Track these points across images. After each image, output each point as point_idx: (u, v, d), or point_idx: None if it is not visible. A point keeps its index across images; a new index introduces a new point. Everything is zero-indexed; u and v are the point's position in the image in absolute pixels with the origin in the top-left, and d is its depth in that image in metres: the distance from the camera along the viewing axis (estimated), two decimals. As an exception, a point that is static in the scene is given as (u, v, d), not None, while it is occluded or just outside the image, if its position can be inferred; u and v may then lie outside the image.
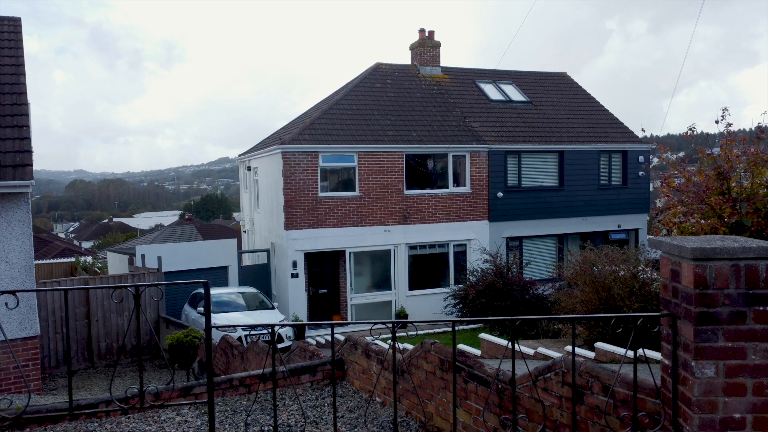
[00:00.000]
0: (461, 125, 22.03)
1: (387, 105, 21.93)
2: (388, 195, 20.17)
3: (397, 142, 20.27)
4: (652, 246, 3.29)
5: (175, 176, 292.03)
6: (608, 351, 8.29)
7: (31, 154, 10.50)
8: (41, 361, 13.91)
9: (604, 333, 9.53)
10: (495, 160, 21.62)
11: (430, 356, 5.42)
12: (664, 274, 3.23)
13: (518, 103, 24.43)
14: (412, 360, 5.68)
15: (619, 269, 9.52)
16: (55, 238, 68.46)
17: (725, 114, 7.70)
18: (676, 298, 3.12)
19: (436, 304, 20.01)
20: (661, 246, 3.19)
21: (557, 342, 11.36)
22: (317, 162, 19.22)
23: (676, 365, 3.14)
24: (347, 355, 6.82)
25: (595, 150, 23.30)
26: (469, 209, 21.39)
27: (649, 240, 3.29)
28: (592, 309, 9.75)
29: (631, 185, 23.91)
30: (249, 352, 9.68)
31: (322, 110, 20.97)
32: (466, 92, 24.09)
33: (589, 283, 9.79)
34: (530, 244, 22.65)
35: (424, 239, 20.78)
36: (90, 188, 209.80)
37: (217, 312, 15.68)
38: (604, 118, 25.34)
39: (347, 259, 19.91)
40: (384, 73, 23.62)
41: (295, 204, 19.03)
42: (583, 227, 23.33)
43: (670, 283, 3.17)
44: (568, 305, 10.43)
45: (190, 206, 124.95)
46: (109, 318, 15.18)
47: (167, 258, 18.56)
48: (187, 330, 10.81)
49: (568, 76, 27.65)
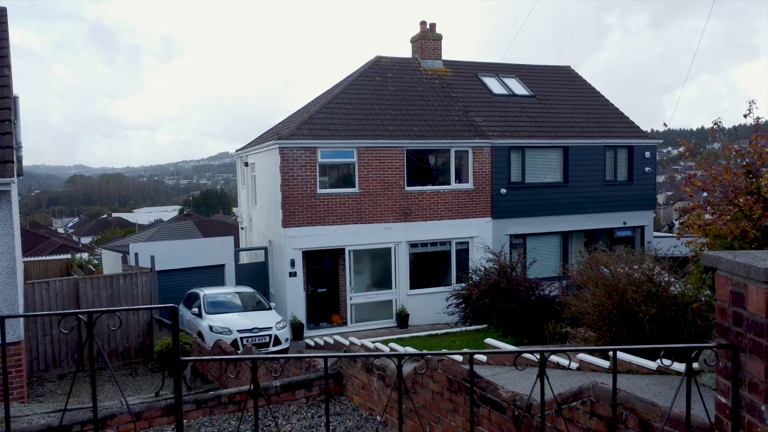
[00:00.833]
0: (463, 120, 21.47)
1: (387, 99, 21.37)
2: (389, 191, 19.64)
3: (398, 138, 19.73)
4: (708, 262, 2.76)
5: (174, 171, 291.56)
6: (624, 360, 7.76)
7: (14, 150, 9.96)
8: (29, 364, 13.43)
9: (617, 338, 9.02)
10: (498, 155, 21.07)
11: (436, 375, 4.90)
12: (722, 296, 2.71)
13: (521, 97, 23.86)
14: (417, 378, 5.17)
15: (633, 271, 9.00)
16: (53, 233, 67.97)
17: (752, 107, 7.16)
18: (738, 326, 2.60)
19: (438, 304, 19.49)
20: (719, 263, 2.66)
21: (565, 347, 10.84)
22: (316, 157, 18.68)
23: (737, 406, 2.62)
24: (346, 369, 6.30)
25: (601, 145, 22.75)
26: (472, 206, 20.86)
27: (704, 256, 2.73)
28: (604, 313, 9.23)
29: (636, 181, 23.37)
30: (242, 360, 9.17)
31: (321, 104, 20.42)
32: (469, 86, 23.53)
33: (601, 286, 9.27)
34: (534, 242, 22.13)
35: (425, 237, 20.26)
36: (89, 183, 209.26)
37: (212, 313, 15.19)
38: (610, 112, 24.78)
39: (347, 257, 19.40)
40: (384, 66, 23.05)
41: (293, 201, 18.50)
42: (588, 224, 22.81)
43: (731, 307, 2.65)
44: (578, 309, 9.91)
45: (189, 201, 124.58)
46: (100, 319, 14.65)
47: (162, 256, 18.04)
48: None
49: (573, 69, 27.08)
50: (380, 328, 19.66)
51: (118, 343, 14.87)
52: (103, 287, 14.60)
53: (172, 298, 18.18)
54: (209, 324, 14.50)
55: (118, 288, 14.83)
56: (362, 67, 23.16)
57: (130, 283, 15.00)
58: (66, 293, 14.23)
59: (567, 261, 22.77)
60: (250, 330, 14.43)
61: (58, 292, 14.14)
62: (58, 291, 14.14)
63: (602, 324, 9.26)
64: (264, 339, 14.46)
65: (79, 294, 14.34)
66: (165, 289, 18.04)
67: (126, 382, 13.07)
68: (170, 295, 18.22)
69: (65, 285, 14.24)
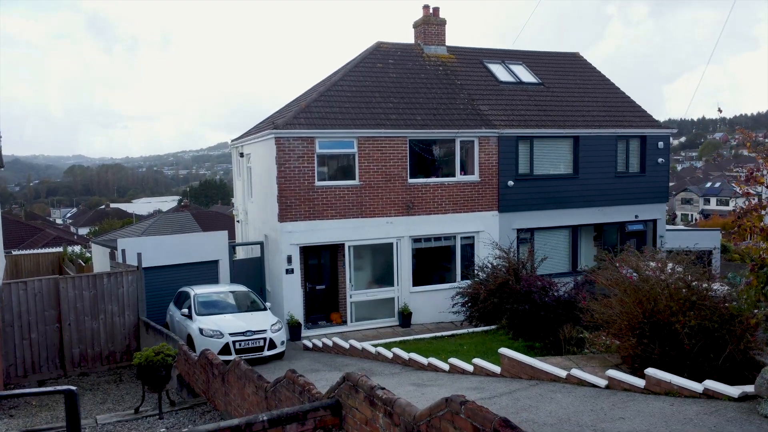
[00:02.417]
0: (469, 108, 20.44)
1: (389, 87, 20.33)
2: (391, 184, 18.64)
3: (400, 127, 18.71)
4: None
5: (174, 161, 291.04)
6: (663, 380, 6.79)
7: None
8: (5, 372, 12.51)
9: (649, 351, 8.05)
10: (505, 146, 20.06)
11: (458, 420, 3.94)
12: None
13: (529, 84, 22.82)
14: (433, 420, 4.20)
15: (667, 275, 8.03)
16: (48, 225, 66.99)
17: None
18: None
19: (443, 302, 18.58)
20: None
21: (586, 359, 9.87)
22: (314, 148, 17.67)
23: None
24: (346, 398, 5.35)
25: (612, 135, 21.72)
26: (478, 199, 19.87)
27: None
28: (633, 322, 8.27)
29: (649, 173, 22.36)
30: (230, 374, 8.22)
31: (319, 92, 19.37)
32: (474, 73, 22.47)
33: (630, 291, 8.30)
34: (542, 236, 21.16)
35: (429, 231, 19.28)
36: (89, 173, 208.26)
37: (203, 314, 14.23)
38: (621, 100, 23.74)
39: (346, 253, 18.44)
40: (385, 52, 21.99)
41: (290, 194, 17.52)
42: (599, 218, 21.83)
43: None
44: (602, 317, 8.95)
45: (188, 192, 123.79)
46: (83, 321, 13.72)
47: (152, 252, 17.08)
48: (159, 346, 9.34)
49: (581, 56, 26.01)
50: (381, 327, 18.74)
51: (102, 346, 13.94)
52: (85, 287, 13.65)
53: (163, 296, 17.25)
54: (199, 326, 13.55)
55: (102, 288, 13.88)
56: (362, 54, 22.10)
57: (114, 282, 14.05)
58: (45, 294, 13.28)
59: (576, 256, 21.84)
60: (243, 333, 13.48)
61: (37, 293, 13.19)
62: (37, 291, 13.19)
63: (631, 334, 8.31)
64: (258, 343, 13.52)
65: (59, 295, 13.38)
66: (155, 287, 17.10)
67: (108, 391, 12.13)
68: (160, 293, 17.28)
69: (44, 285, 13.28)
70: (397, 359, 12.08)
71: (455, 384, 9.18)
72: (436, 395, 8.51)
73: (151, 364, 8.84)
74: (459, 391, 8.56)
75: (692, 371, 7.41)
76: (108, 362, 13.97)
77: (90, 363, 13.80)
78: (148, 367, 8.83)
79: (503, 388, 8.24)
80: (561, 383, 8.07)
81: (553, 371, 8.32)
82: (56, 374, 13.51)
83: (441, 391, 8.74)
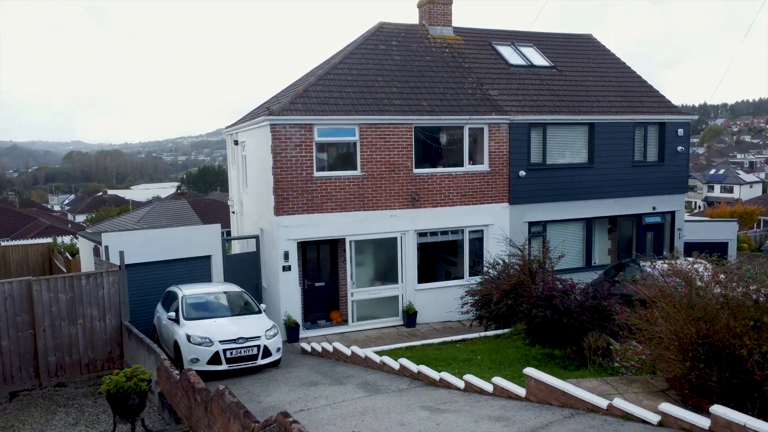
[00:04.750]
0: (478, 93, 19.14)
1: (392, 70, 19.00)
2: (395, 174, 17.39)
3: (405, 113, 17.41)
4: None
5: (173, 147, 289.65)
6: (734, 422, 5.60)
7: None
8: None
9: (704, 378, 6.85)
10: (517, 133, 18.78)
11: None
12: None
13: (541, 68, 21.48)
14: None
15: (730, 290, 6.82)
16: (44, 212, 65.68)
17: None
18: None
19: (450, 300, 17.43)
20: None
21: (626, 382, 8.61)
22: (312, 136, 16.40)
23: None
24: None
25: (630, 122, 20.43)
26: (487, 190, 18.62)
27: None
28: (684, 343, 7.07)
29: (668, 162, 21.09)
30: (213, 405, 7.03)
31: (318, 76, 18.05)
32: (482, 56, 21.13)
33: (682, 307, 7.09)
34: (555, 230, 19.94)
35: (435, 225, 18.06)
36: (87, 160, 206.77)
37: (192, 318, 13.00)
38: (638, 85, 22.42)
39: (348, 248, 17.22)
40: (388, 33, 20.63)
41: (287, 185, 16.28)
42: (615, 210, 20.61)
43: None
44: (645, 335, 7.74)
45: (185, 179, 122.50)
46: (59, 327, 12.52)
47: (138, 247, 15.87)
48: (132, 369, 8.14)
49: (595, 38, 24.63)
50: (385, 327, 17.57)
51: (81, 354, 12.75)
52: (61, 290, 12.44)
53: (151, 295, 16.02)
54: (187, 333, 12.34)
55: (80, 290, 12.67)
56: (364, 35, 20.72)
57: (94, 284, 12.83)
58: (17, 297, 12.07)
59: (590, 251, 20.66)
60: (235, 340, 12.28)
61: (8, 296, 11.99)
62: (8, 295, 11.98)
63: (682, 356, 7.10)
64: (251, 351, 12.32)
65: (33, 298, 12.18)
66: (142, 286, 15.90)
67: (84, 407, 10.95)
68: (148, 292, 16.05)
69: (15, 288, 12.06)
70: (405, 371, 10.91)
71: (474, 410, 7.99)
72: (453, 427, 7.32)
73: (121, 391, 7.65)
74: (480, 421, 7.38)
75: (764, 407, 6.24)
76: (88, 371, 12.79)
77: (68, 372, 12.62)
78: (118, 396, 7.65)
79: (533, 420, 7.05)
80: (601, 415, 6.88)
81: (591, 400, 7.13)
82: (30, 385, 12.34)
83: (459, 421, 7.56)
